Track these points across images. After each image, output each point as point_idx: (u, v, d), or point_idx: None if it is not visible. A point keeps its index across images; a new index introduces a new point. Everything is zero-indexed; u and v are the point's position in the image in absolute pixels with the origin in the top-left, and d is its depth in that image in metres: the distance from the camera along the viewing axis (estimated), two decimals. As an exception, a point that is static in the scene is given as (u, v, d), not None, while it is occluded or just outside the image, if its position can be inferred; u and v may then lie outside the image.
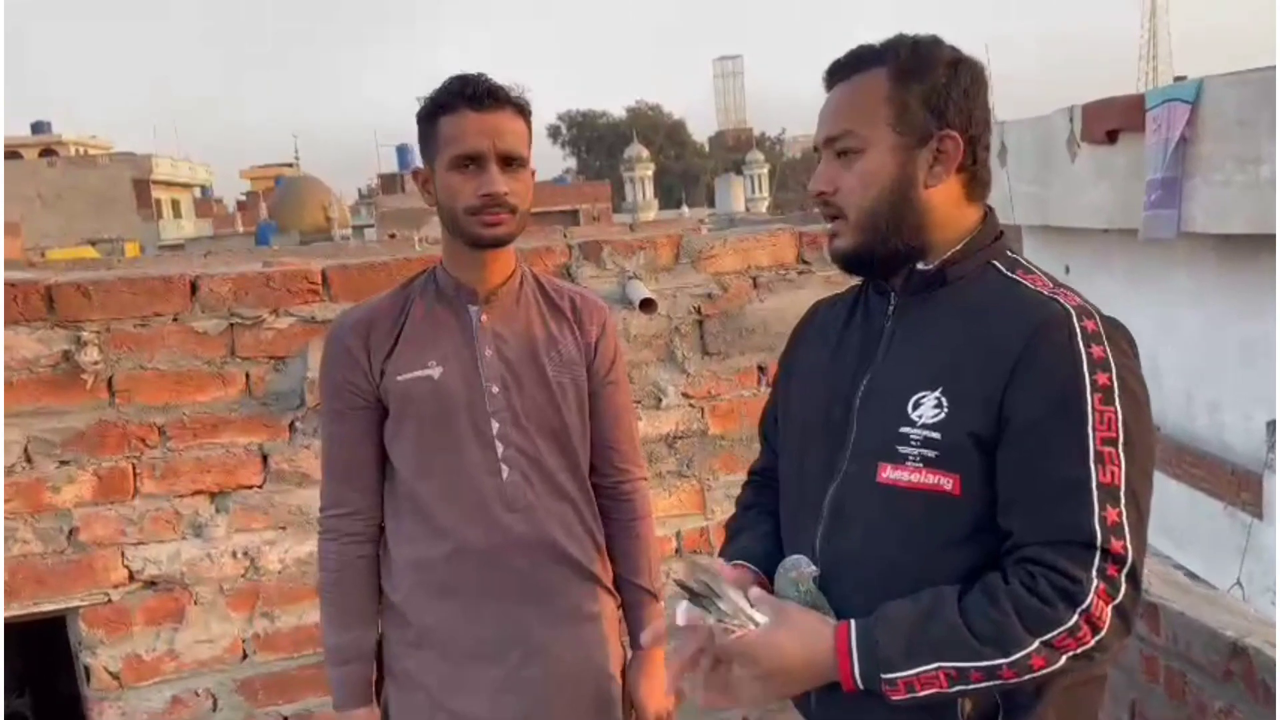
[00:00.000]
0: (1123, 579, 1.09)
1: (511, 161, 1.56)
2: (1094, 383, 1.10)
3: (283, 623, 2.44)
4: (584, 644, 1.71)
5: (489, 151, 1.54)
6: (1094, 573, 1.08)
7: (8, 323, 2.23)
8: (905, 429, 1.18)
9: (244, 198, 49.82)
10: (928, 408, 1.17)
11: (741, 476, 2.62)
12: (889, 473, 1.18)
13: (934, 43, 1.24)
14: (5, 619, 2.30)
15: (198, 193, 46.88)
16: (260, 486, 2.41)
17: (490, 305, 1.66)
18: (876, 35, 1.29)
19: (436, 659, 1.66)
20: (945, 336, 1.20)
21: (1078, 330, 1.13)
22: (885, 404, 1.21)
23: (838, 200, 1.24)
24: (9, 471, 2.26)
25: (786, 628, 1.16)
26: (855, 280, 1.38)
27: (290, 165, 47.74)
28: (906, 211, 1.22)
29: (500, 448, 1.64)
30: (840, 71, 1.26)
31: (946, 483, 1.16)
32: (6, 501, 2.26)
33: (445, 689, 1.65)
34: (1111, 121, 8.57)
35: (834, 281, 2.59)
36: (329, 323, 2.33)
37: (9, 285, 2.27)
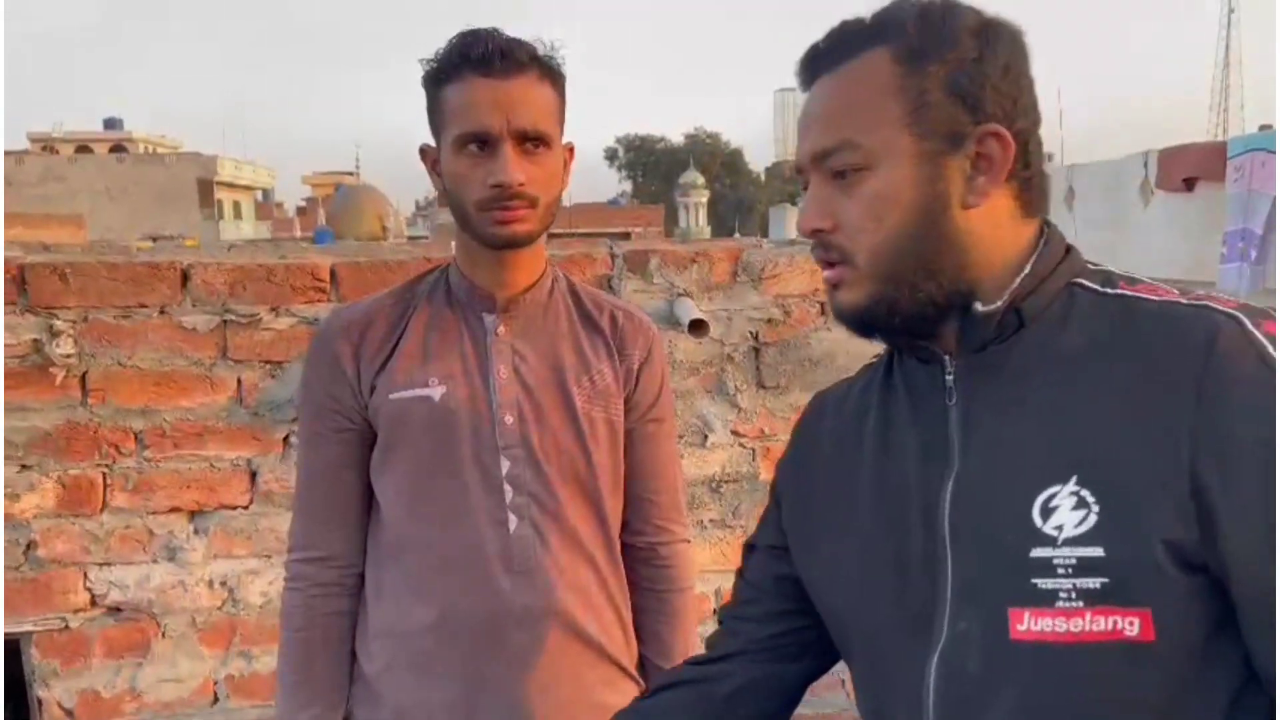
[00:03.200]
0: None
1: (531, 141, 1.26)
2: None
3: (261, 664, 2.16)
4: None
5: (501, 130, 1.23)
6: None
7: (-28, 304, 1.98)
8: (1041, 550, 0.80)
9: (304, 203, 50.73)
10: (1066, 511, 0.80)
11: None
12: (1030, 621, 0.80)
13: (948, 6, 0.86)
14: (-55, 641, 2.04)
15: (259, 195, 47.85)
16: (246, 507, 2.14)
17: (510, 315, 1.35)
18: None
19: None
20: (1056, 399, 0.83)
21: (1262, 342, 0.77)
22: (994, 519, 0.83)
23: (839, 240, 0.88)
24: (-37, 473, 2.00)
25: None
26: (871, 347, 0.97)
27: (351, 174, 48.47)
28: (942, 245, 0.85)
29: (509, 492, 1.33)
30: (823, 60, 0.90)
31: (1130, 624, 0.77)
32: (-43, 507, 2.01)
33: None
34: (1189, 168, 8.26)
35: (915, 312, 2.27)
36: (334, 326, 2.07)
37: (-21, 263, 2.02)
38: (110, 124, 47.44)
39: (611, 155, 64.62)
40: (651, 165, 62.96)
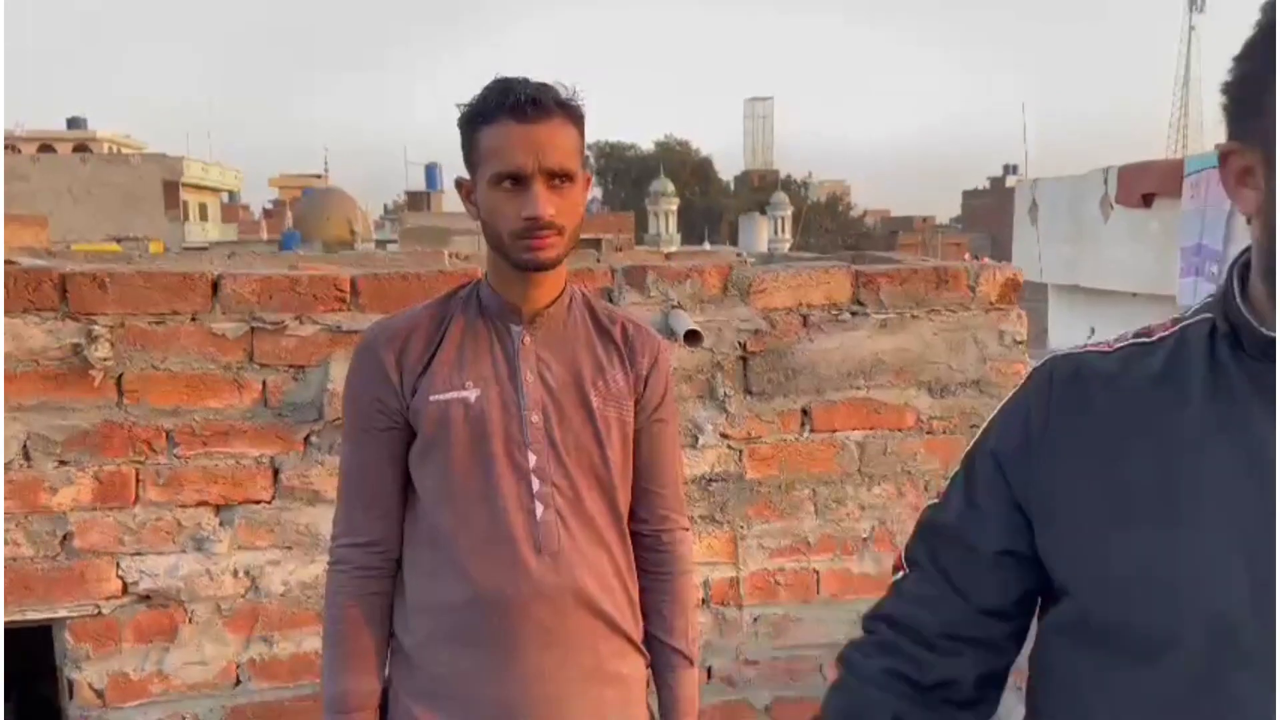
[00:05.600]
0: None
1: (558, 177, 1.42)
2: None
3: (281, 649, 2.29)
4: (610, 708, 1.54)
5: (533, 170, 1.39)
6: None
7: (17, 310, 2.10)
8: None
9: (270, 205, 50.20)
10: None
11: (778, 525, 2.49)
12: None
13: None
14: (-13, 625, 2.16)
15: (225, 198, 47.26)
16: (269, 502, 2.27)
17: (535, 327, 1.52)
18: (904, 88, 1.03)
19: (449, 713, 1.50)
20: None
21: None
22: None
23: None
24: (6, 467, 2.13)
25: None
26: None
27: (319, 176, 48.08)
28: None
29: (536, 483, 1.49)
30: None
31: None
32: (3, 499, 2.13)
33: None
34: (1148, 185, 8.48)
35: (890, 326, 2.46)
36: (355, 333, 2.21)
37: (23, 272, 2.15)
38: (74, 123, 46.66)
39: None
40: (622, 172, 62.95)
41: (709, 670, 2.46)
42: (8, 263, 2.53)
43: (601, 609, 1.53)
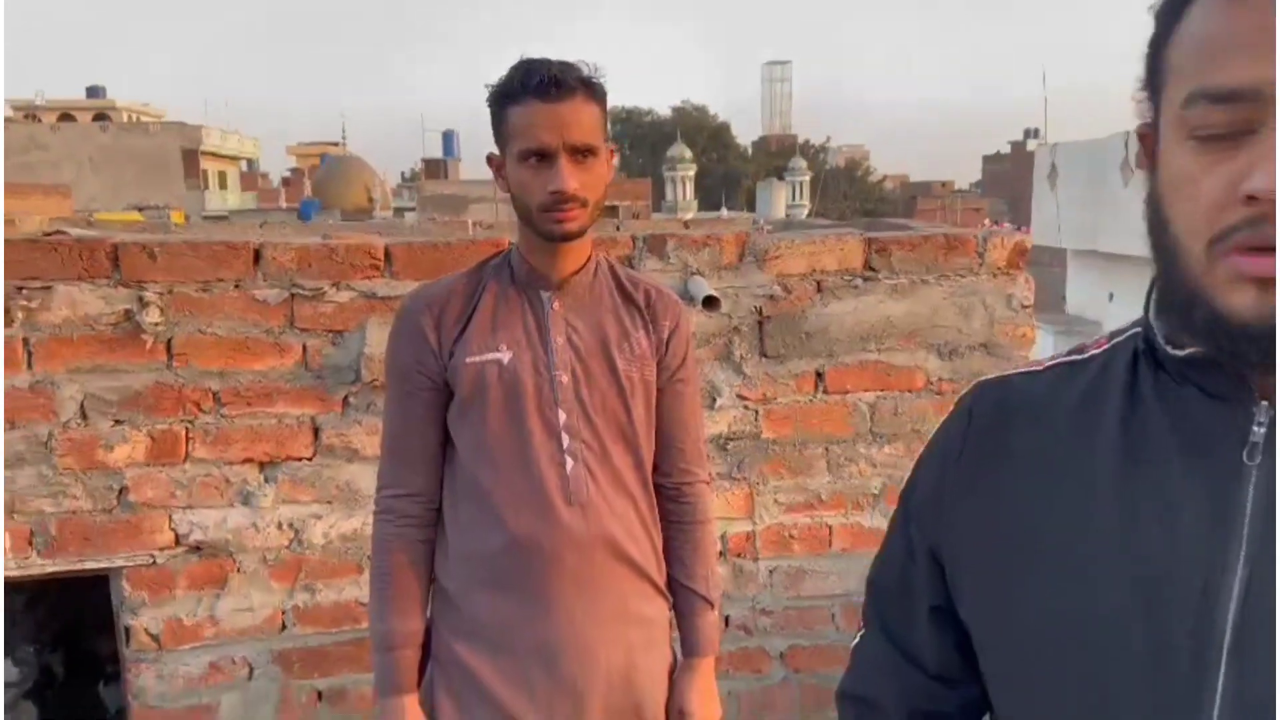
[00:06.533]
0: None
1: (581, 152, 1.51)
2: None
3: (323, 597, 2.43)
4: (635, 646, 1.66)
5: (557, 147, 1.49)
6: None
7: (73, 277, 2.23)
8: None
9: (289, 174, 50.32)
10: None
11: (792, 482, 2.60)
12: None
13: None
14: (52, 574, 2.31)
15: (244, 166, 47.43)
16: (310, 459, 2.40)
17: (564, 293, 1.62)
18: (925, 53, 1.11)
19: (489, 652, 1.61)
20: None
21: None
22: None
23: None
24: (65, 426, 2.26)
25: None
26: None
27: (336, 144, 48.11)
28: None
29: (566, 439, 1.60)
30: None
31: None
32: (61, 456, 2.27)
33: (497, 684, 1.60)
34: (1169, 148, 8.46)
35: (900, 291, 2.55)
36: (389, 299, 2.33)
37: (76, 241, 2.28)
38: (93, 92, 46.84)
39: (598, 128, 64.10)
40: (639, 138, 62.61)
41: (726, 619, 2.59)
42: (59, 233, 2.66)
43: (628, 555, 1.64)
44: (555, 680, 1.60)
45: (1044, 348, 12.38)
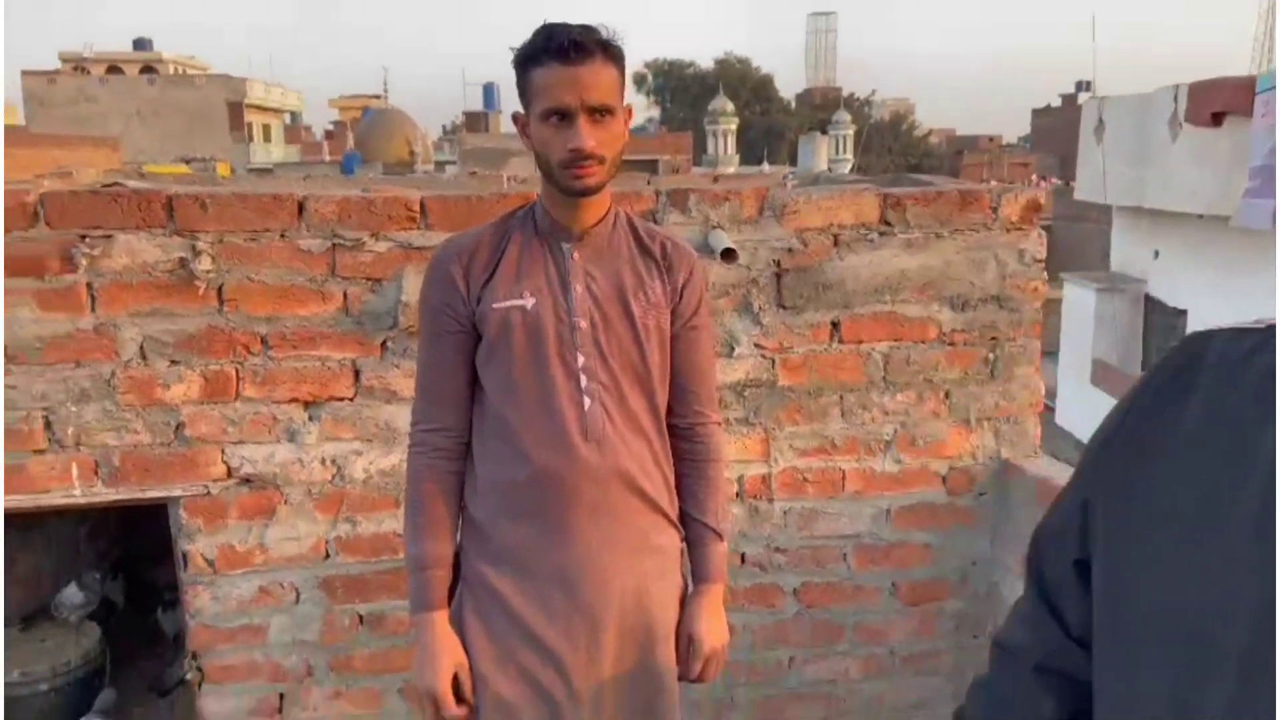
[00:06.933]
0: None
1: (599, 112, 1.60)
2: None
3: (363, 528, 2.60)
4: (648, 573, 1.78)
5: (576, 106, 1.58)
6: None
7: (132, 227, 2.39)
8: None
9: (332, 127, 50.57)
10: None
11: (807, 428, 2.72)
12: None
13: None
14: (116, 501, 2.50)
15: (288, 119, 47.73)
16: (351, 399, 2.55)
17: (583, 244, 1.73)
18: (974, 3, 1.19)
19: (513, 576, 1.74)
20: None
21: None
22: None
23: None
24: (126, 365, 2.44)
25: None
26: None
27: (378, 97, 48.21)
28: None
29: (584, 380, 1.71)
30: None
31: None
32: (123, 393, 2.44)
33: (521, 605, 1.74)
34: (1218, 103, 8.26)
35: (915, 245, 2.64)
36: (425, 249, 2.46)
37: (134, 193, 2.43)
38: (140, 44, 47.29)
39: (639, 80, 63.46)
40: (680, 91, 61.90)
41: (742, 556, 2.73)
42: (116, 185, 2.82)
43: (641, 489, 1.76)
44: (573, 602, 1.73)
45: (1085, 305, 12.23)
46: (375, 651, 2.64)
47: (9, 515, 2.57)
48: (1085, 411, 12.02)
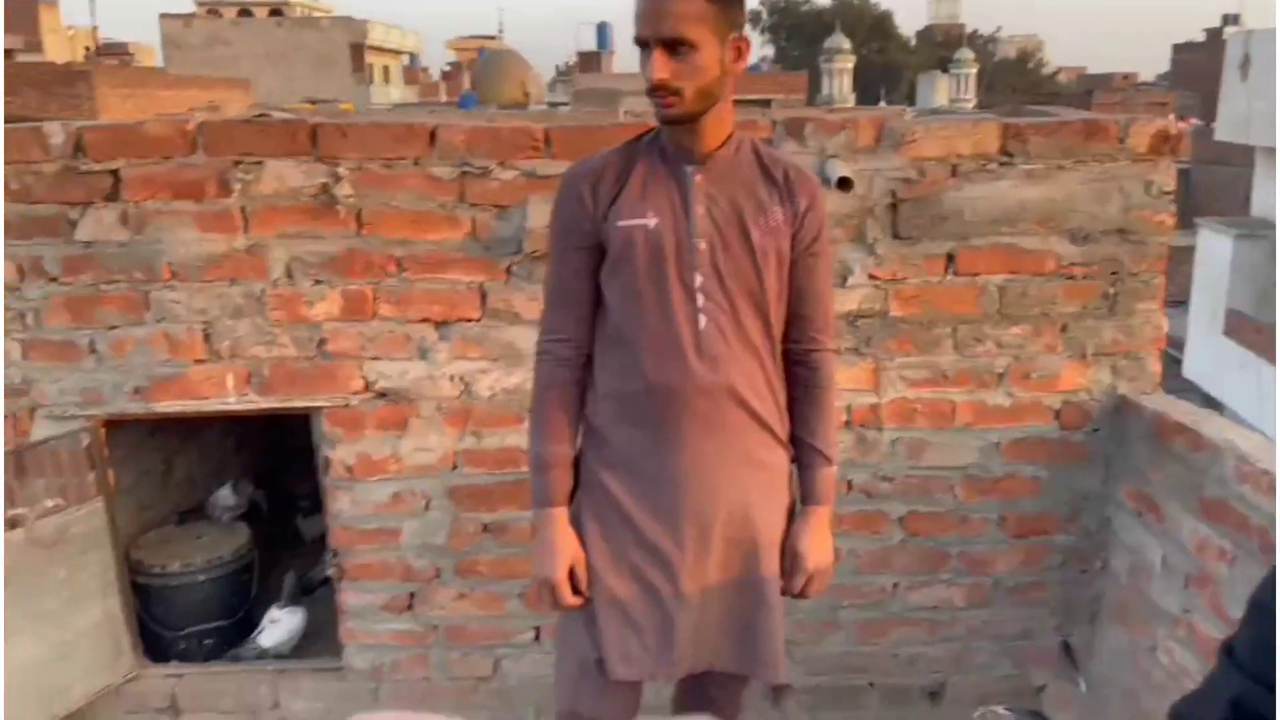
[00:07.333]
0: None
1: (678, 44, 1.64)
2: None
3: (488, 442, 2.76)
4: (755, 487, 1.86)
5: (651, 38, 1.64)
6: None
7: (280, 154, 2.56)
8: None
9: (448, 68, 51.26)
10: None
11: (918, 359, 2.74)
12: None
13: None
14: (266, 409, 2.71)
15: (406, 60, 48.58)
16: (478, 320, 2.69)
17: (706, 168, 1.78)
18: None
19: (628, 480, 1.85)
20: None
21: None
22: None
23: None
24: (274, 284, 2.63)
25: None
26: None
27: (493, 38, 48.58)
28: None
29: (701, 299, 1.78)
30: None
31: None
32: (271, 310, 2.64)
33: (634, 508, 1.84)
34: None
35: (1036, 176, 2.61)
36: (548, 178, 2.57)
37: (280, 122, 2.60)
38: (267, -13, 48.59)
39: (754, 19, 62.07)
40: (795, 29, 60.30)
41: (849, 483, 2.79)
42: (261, 115, 3.01)
43: (751, 407, 1.83)
44: (682, 506, 1.82)
45: (1221, 252, 11.64)
46: (498, 558, 2.82)
47: (170, 421, 2.83)
48: (1216, 363, 11.51)
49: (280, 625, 3.03)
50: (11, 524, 2.56)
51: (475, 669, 2.88)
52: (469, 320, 2.69)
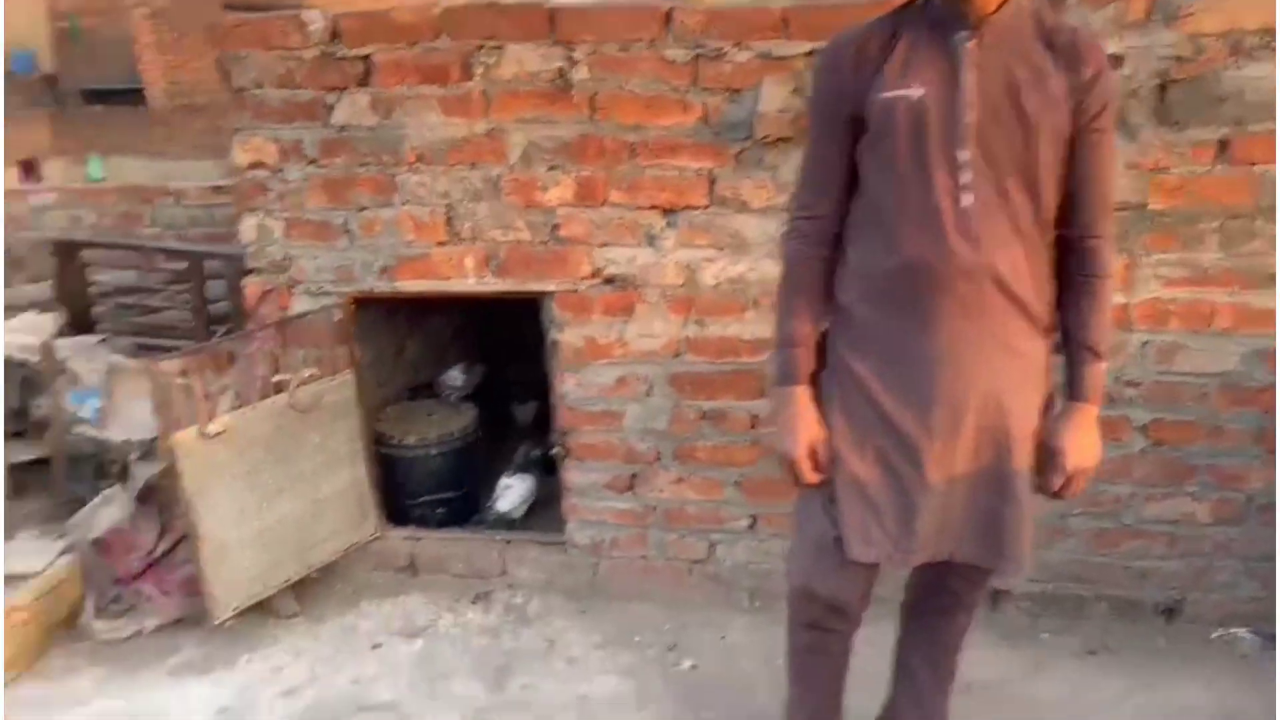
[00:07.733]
0: None
1: None
2: None
3: (710, 331, 2.77)
4: (1010, 375, 1.77)
5: None
6: None
7: (519, 38, 2.59)
8: None
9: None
10: None
11: (1176, 256, 2.53)
12: None
13: None
14: (503, 292, 2.81)
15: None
16: (705, 208, 2.68)
17: (980, 34, 1.67)
18: None
19: (876, 361, 1.80)
20: None
21: None
22: None
23: None
24: (511, 169, 2.70)
25: None
26: None
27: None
28: None
29: (965, 175, 1.68)
30: None
31: None
32: (508, 195, 2.72)
33: (881, 391, 1.80)
34: None
35: (1336, 50, 2.32)
36: (785, 59, 2.50)
37: (520, 5, 2.62)
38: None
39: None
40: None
41: (1089, 386, 2.64)
42: None
43: (1013, 292, 1.74)
44: (935, 391, 1.76)
45: None
46: (716, 445, 2.85)
47: (407, 302, 2.98)
48: None
49: (514, 490, 3.25)
50: (276, 388, 2.78)
51: (691, 551, 2.95)
52: (696, 208, 2.68)
